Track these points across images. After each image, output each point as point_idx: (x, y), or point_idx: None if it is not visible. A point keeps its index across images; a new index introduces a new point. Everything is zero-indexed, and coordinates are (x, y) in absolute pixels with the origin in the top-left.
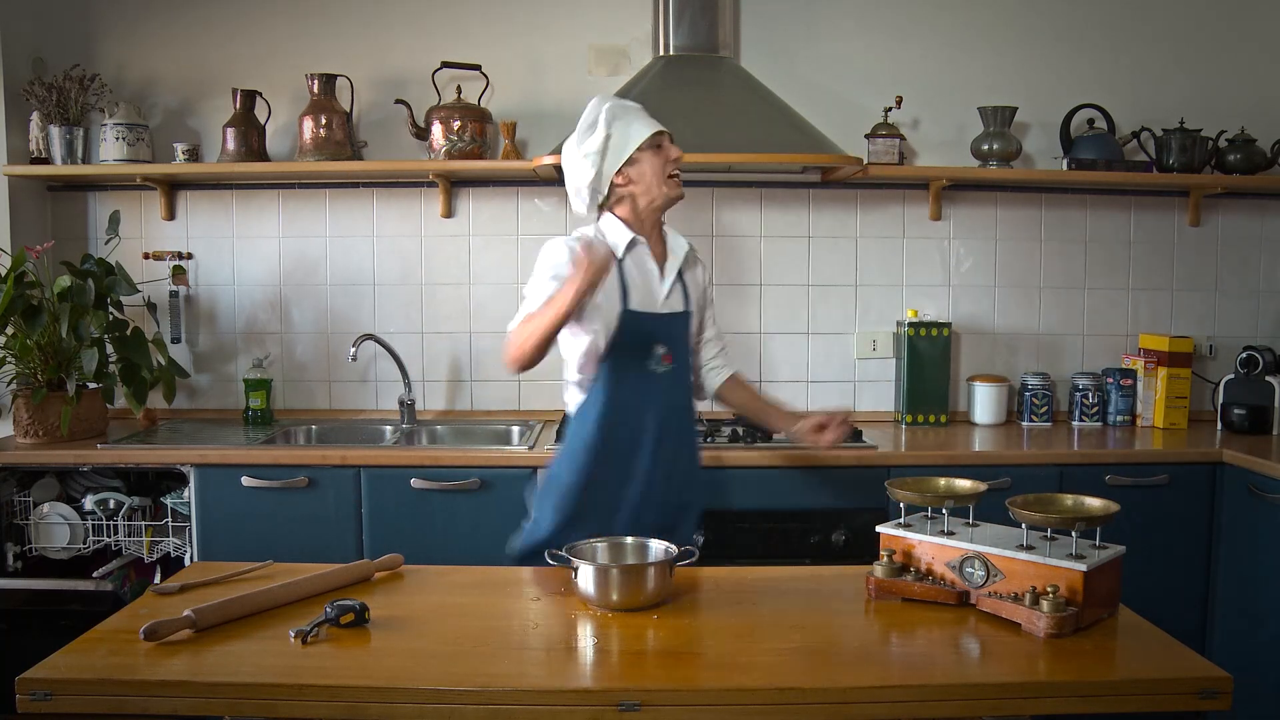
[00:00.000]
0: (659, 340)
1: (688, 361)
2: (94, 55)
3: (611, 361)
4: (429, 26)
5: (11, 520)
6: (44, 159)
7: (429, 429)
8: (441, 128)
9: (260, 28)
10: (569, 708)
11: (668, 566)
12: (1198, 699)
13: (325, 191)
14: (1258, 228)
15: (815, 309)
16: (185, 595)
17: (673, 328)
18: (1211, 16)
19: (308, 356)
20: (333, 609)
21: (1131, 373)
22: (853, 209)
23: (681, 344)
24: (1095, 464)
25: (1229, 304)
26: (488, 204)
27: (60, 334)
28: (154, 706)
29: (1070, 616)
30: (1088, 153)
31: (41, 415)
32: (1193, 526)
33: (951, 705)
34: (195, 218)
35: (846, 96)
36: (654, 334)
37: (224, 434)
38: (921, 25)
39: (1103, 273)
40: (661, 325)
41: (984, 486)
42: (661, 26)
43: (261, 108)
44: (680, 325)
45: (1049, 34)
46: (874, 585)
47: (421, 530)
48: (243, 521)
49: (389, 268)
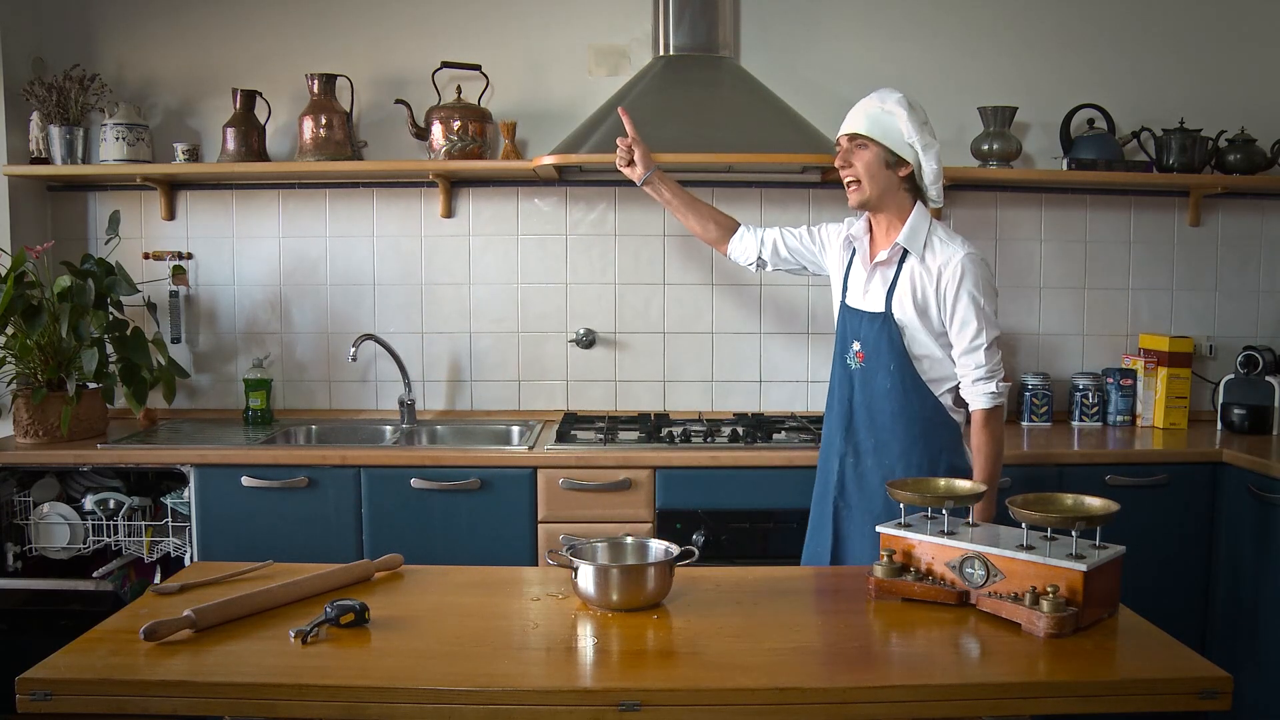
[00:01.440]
0: (854, 336)
1: (891, 365)
2: (94, 55)
3: (836, 346)
4: (429, 26)
5: (11, 520)
6: (44, 159)
7: (429, 429)
8: (441, 128)
9: (260, 28)
10: (569, 708)
11: (668, 566)
12: (1198, 699)
13: (325, 191)
14: (1258, 228)
15: (815, 309)
16: (185, 595)
17: (867, 326)
18: (1211, 16)
19: (308, 356)
20: (333, 609)
21: (1131, 373)
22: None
23: (880, 345)
24: (1095, 464)
25: (1229, 304)
26: (488, 204)
27: (60, 334)
28: (154, 706)
29: (1070, 616)
30: (1088, 153)
31: (41, 415)
32: (1193, 526)
33: (951, 705)
34: (195, 218)
35: (846, 96)
36: (849, 329)
37: (224, 434)
38: (921, 25)
39: (1103, 273)
40: (855, 321)
41: (984, 487)
42: (661, 26)
43: (261, 108)
44: (875, 325)
45: (1049, 34)
46: (874, 585)
47: (421, 530)
48: (243, 521)
49: (389, 268)
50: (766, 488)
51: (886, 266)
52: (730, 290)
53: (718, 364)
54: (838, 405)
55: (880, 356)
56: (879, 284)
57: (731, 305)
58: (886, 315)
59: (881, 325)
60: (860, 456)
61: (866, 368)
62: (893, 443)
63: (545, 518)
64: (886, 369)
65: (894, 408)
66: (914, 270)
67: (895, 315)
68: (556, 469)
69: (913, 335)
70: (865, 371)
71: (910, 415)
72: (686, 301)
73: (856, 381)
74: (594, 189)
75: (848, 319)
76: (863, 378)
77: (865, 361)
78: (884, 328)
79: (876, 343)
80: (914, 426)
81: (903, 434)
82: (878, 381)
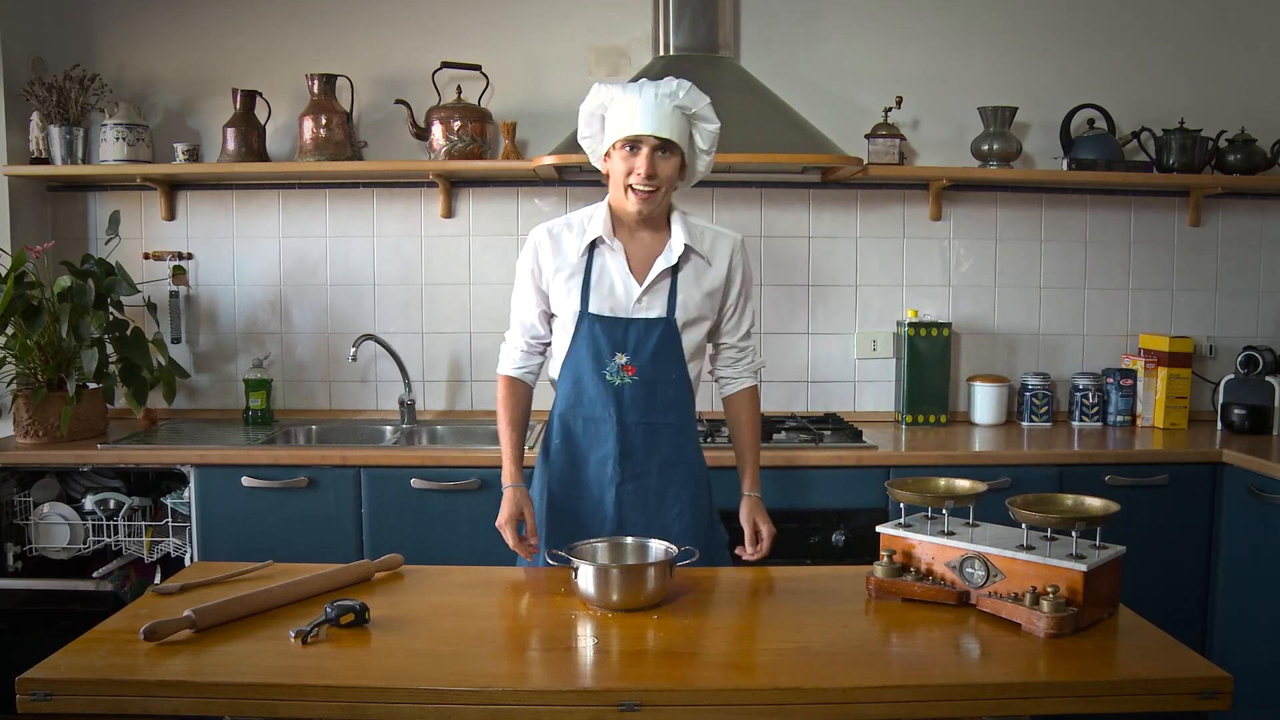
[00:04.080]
0: (620, 349)
1: (671, 374)
2: (94, 55)
3: (570, 364)
4: (429, 26)
5: (11, 520)
6: (44, 159)
7: (429, 429)
8: (441, 128)
9: (260, 28)
10: (569, 708)
11: (668, 566)
12: (1198, 699)
13: (325, 191)
14: (1258, 228)
15: (815, 309)
16: (185, 595)
17: (643, 336)
18: (1211, 16)
19: (308, 356)
20: (333, 609)
21: (1132, 373)
22: (853, 209)
23: (658, 354)
24: (1095, 464)
25: (1229, 304)
26: (488, 204)
27: (60, 334)
28: (154, 706)
29: (1070, 616)
30: (1088, 153)
31: (41, 415)
32: (1193, 526)
33: (951, 705)
34: (195, 218)
35: (846, 96)
36: (614, 341)
37: (224, 434)
38: (921, 25)
39: (1103, 273)
40: (623, 332)
41: (984, 487)
42: (661, 26)
43: (261, 108)
44: (655, 334)
45: (1049, 34)
46: (874, 585)
47: (421, 530)
48: (243, 521)
49: (389, 268)
50: (767, 488)
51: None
52: None
53: None
54: (602, 427)
55: (661, 365)
56: (658, 288)
57: None
58: (669, 319)
59: (663, 331)
60: (641, 479)
61: (640, 380)
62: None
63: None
64: (668, 378)
65: (678, 418)
66: (694, 265)
67: (678, 318)
68: None
69: (690, 335)
70: (638, 385)
71: (688, 422)
72: None
73: (626, 397)
74: (594, 189)
75: (607, 330)
76: (634, 392)
77: (638, 374)
78: (666, 333)
79: (657, 351)
80: (692, 431)
81: (687, 442)
82: (657, 394)
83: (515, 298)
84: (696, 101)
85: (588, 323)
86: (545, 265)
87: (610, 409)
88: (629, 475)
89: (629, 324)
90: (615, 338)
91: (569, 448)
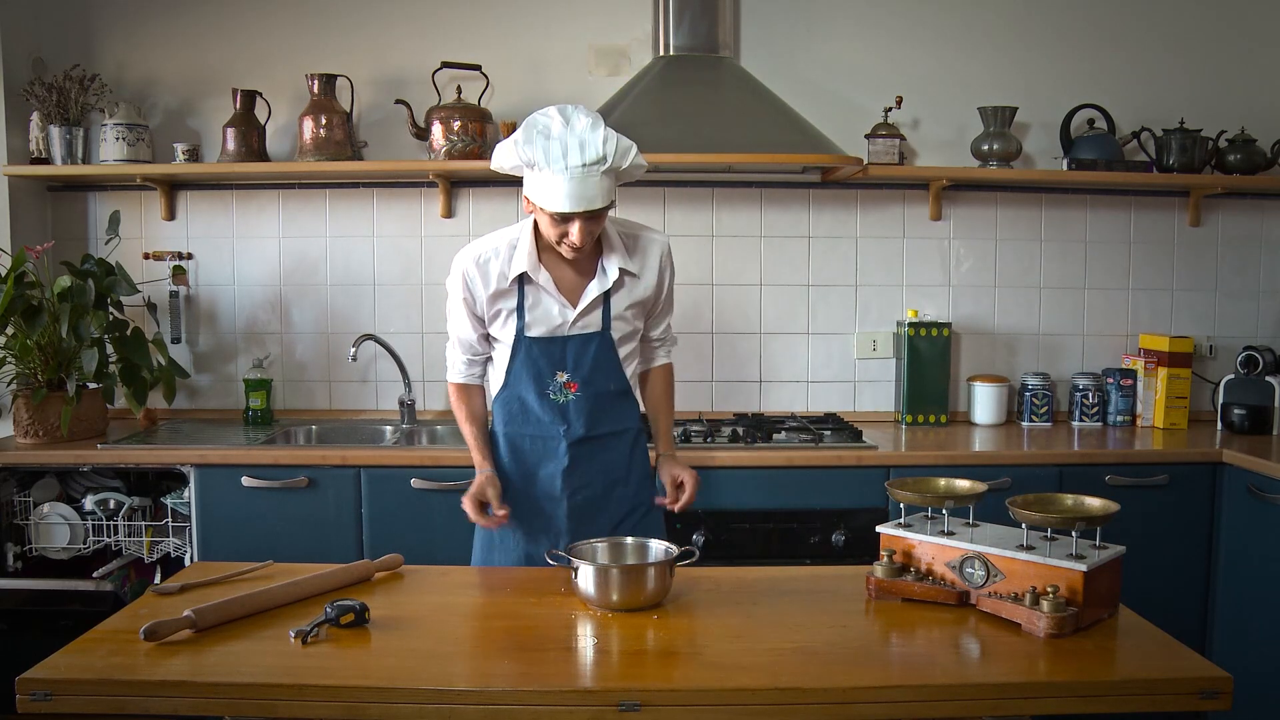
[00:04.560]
0: (560, 367)
1: (610, 385)
2: (94, 55)
3: (513, 385)
4: (429, 26)
5: (11, 520)
6: (44, 159)
7: (429, 429)
8: (441, 128)
9: (260, 28)
10: (569, 708)
11: (668, 566)
12: (1198, 699)
13: (325, 191)
14: (1258, 228)
15: (815, 309)
16: (185, 595)
17: (581, 352)
18: (1211, 16)
19: (308, 356)
20: (333, 609)
21: (1132, 373)
22: (853, 209)
23: (596, 368)
24: (1095, 464)
25: (1229, 304)
26: (488, 204)
27: (60, 334)
28: (154, 707)
29: (1070, 616)
30: (1088, 153)
31: (41, 415)
32: (1193, 526)
33: (951, 705)
34: (195, 218)
35: (846, 96)
36: (553, 360)
37: (224, 434)
38: (921, 25)
39: (1103, 273)
40: (561, 351)
41: (984, 487)
42: (661, 27)
43: (261, 108)
44: (592, 349)
45: (1049, 34)
46: (874, 585)
47: (421, 530)
48: (243, 522)
49: (389, 268)
50: (766, 488)
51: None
52: (730, 291)
53: (718, 364)
54: (550, 444)
55: (600, 378)
56: (592, 305)
57: (731, 306)
58: (604, 334)
59: (599, 345)
60: (589, 487)
61: (583, 395)
62: (626, 458)
63: None
64: (608, 390)
65: (623, 425)
66: (626, 282)
67: (614, 332)
68: None
69: (625, 344)
70: (581, 400)
71: (633, 426)
72: (686, 302)
73: (572, 413)
74: None
75: (545, 350)
76: (579, 407)
77: (580, 390)
78: (602, 347)
79: (595, 365)
80: (636, 434)
81: (638, 446)
82: (601, 406)
83: (452, 321)
84: (624, 157)
85: (525, 345)
86: (477, 295)
87: (558, 426)
88: (579, 486)
89: (566, 341)
90: (554, 356)
91: (518, 464)
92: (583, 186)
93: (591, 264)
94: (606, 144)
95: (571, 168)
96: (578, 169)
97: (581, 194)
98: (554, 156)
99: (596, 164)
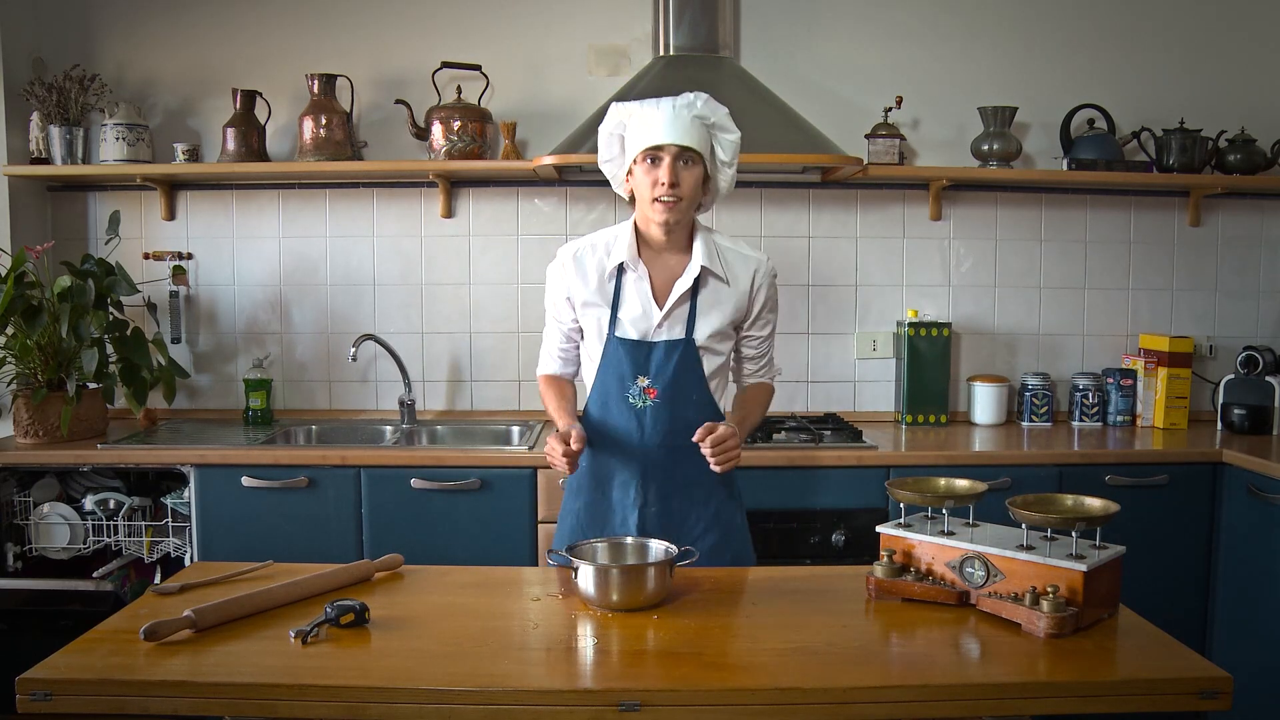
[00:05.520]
0: (643, 371)
1: (692, 396)
2: (94, 55)
3: (598, 387)
4: (429, 26)
5: (11, 520)
6: (44, 159)
7: (429, 429)
8: (441, 128)
9: (260, 28)
10: (569, 708)
11: (668, 566)
12: (1198, 699)
13: (325, 191)
14: (1258, 228)
15: (815, 309)
16: (185, 595)
17: (664, 358)
18: (1211, 16)
19: (308, 356)
20: (333, 609)
21: (1131, 373)
22: (853, 209)
23: (679, 376)
24: (1095, 464)
25: (1229, 304)
26: (488, 204)
27: (60, 334)
28: (154, 706)
29: (1070, 616)
30: (1088, 153)
31: (41, 415)
32: (1193, 526)
33: (951, 705)
34: (195, 218)
35: (846, 96)
36: (637, 364)
37: (224, 434)
38: (921, 25)
39: (1103, 273)
40: (646, 355)
41: (984, 487)
42: (661, 26)
43: (261, 108)
44: (676, 355)
45: (1049, 34)
46: (874, 585)
47: (421, 530)
48: (243, 521)
49: (389, 268)
50: (767, 488)
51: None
52: None
53: None
54: (626, 450)
55: (681, 387)
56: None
57: None
58: (688, 340)
59: (683, 352)
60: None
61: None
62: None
63: (545, 518)
64: (689, 400)
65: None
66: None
67: (697, 339)
68: None
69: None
70: (659, 407)
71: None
72: None
73: (648, 419)
74: (594, 189)
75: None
76: (656, 415)
77: (659, 397)
78: (686, 354)
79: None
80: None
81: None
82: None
83: (550, 308)
84: (715, 111)
85: (613, 345)
86: (573, 288)
87: (633, 432)
88: (652, 499)
89: (651, 346)
90: (638, 360)
91: (595, 469)
92: (674, 123)
93: (683, 266)
94: (699, 96)
95: (663, 106)
96: (669, 107)
97: (673, 128)
98: (647, 102)
99: (688, 106)
